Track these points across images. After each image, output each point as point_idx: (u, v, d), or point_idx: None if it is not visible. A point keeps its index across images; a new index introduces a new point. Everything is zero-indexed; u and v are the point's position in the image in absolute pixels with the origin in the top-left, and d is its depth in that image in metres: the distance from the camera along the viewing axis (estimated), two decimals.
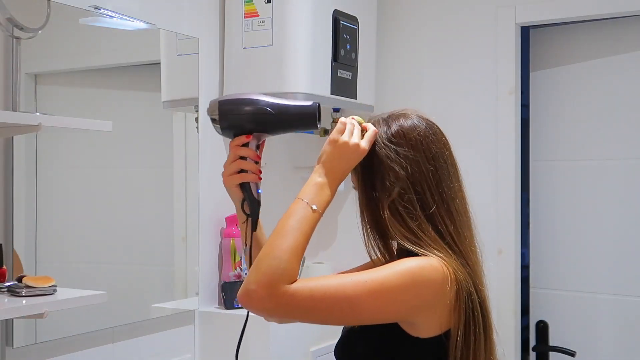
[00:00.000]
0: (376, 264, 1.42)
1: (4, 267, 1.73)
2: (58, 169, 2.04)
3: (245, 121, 1.41)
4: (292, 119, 1.41)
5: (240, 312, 2.38)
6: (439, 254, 1.34)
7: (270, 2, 2.41)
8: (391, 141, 1.39)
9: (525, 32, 2.86)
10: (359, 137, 1.39)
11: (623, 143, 2.77)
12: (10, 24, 1.70)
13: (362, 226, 1.44)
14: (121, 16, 2.11)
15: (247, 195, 1.41)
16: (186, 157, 2.47)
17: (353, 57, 2.64)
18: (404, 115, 1.44)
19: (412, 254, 1.35)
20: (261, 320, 2.31)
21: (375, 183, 1.39)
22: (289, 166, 2.85)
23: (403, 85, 2.95)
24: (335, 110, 2.78)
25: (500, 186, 2.80)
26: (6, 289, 1.68)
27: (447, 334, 1.35)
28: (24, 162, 1.90)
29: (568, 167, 2.88)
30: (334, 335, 1.56)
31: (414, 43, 2.96)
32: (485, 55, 2.83)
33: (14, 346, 1.85)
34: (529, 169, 2.90)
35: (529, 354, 2.91)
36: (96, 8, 2.02)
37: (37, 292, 1.66)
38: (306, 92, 2.44)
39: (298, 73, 2.43)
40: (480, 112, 2.83)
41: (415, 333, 1.36)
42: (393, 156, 1.38)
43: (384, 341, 1.38)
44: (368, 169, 1.40)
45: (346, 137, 1.38)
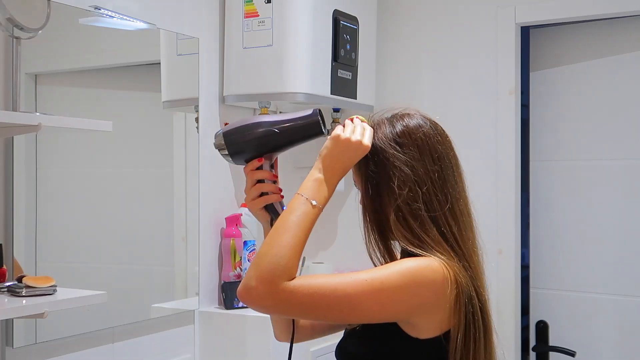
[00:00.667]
0: None
1: (4, 267, 1.73)
2: (58, 169, 2.03)
3: (253, 146, 1.43)
4: (298, 133, 1.42)
5: (240, 313, 2.38)
6: (442, 257, 1.33)
7: (270, 2, 2.41)
8: (396, 141, 1.38)
9: (525, 32, 2.86)
10: (362, 135, 1.38)
11: (623, 143, 2.77)
12: (10, 24, 1.70)
13: (365, 227, 1.43)
14: (121, 16, 2.11)
15: (274, 215, 1.43)
16: (186, 157, 2.47)
17: (353, 57, 2.64)
18: (408, 114, 1.43)
19: (414, 255, 1.35)
20: (261, 320, 2.32)
21: (380, 183, 1.38)
22: (289, 166, 2.85)
23: (403, 85, 2.95)
24: (335, 110, 2.78)
25: (500, 186, 2.80)
26: (6, 289, 1.68)
27: (447, 336, 1.35)
28: (24, 162, 1.90)
29: (568, 167, 2.87)
30: (334, 335, 1.56)
31: (414, 43, 2.96)
32: (485, 55, 2.83)
33: (14, 346, 1.85)
34: (529, 169, 2.90)
35: (529, 354, 2.91)
36: (96, 8, 2.02)
37: (37, 292, 1.66)
38: (306, 92, 2.44)
39: (298, 73, 2.43)
40: (480, 112, 2.83)
41: (414, 334, 1.36)
42: (399, 156, 1.37)
43: (384, 342, 1.38)
44: (373, 169, 1.39)
45: (348, 134, 1.38)
